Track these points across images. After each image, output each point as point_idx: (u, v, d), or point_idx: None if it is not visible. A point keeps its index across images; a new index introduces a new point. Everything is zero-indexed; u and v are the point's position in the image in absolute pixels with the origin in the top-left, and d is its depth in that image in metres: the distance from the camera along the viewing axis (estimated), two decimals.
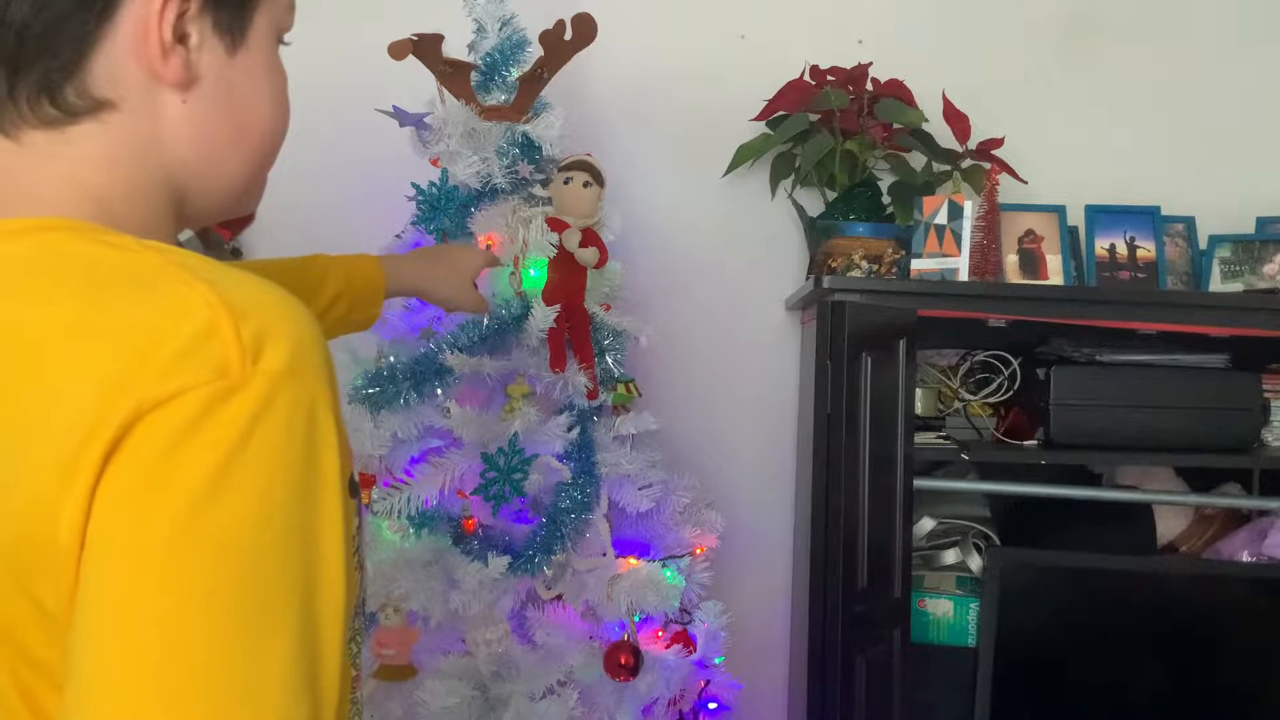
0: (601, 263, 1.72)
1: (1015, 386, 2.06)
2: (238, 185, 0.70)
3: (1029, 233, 2.09)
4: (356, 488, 0.67)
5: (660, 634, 1.68)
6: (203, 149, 0.67)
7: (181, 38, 0.63)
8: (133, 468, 0.51)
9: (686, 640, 1.68)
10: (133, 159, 0.64)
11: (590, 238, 1.71)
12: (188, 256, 0.59)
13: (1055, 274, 2.07)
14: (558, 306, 1.65)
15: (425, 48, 1.68)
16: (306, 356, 0.56)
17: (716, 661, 1.76)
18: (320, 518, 0.56)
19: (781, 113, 2.08)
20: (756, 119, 2.13)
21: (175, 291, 0.55)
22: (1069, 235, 2.10)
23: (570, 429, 1.65)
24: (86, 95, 0.62)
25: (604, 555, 1.67)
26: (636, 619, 1.66)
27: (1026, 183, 2.14)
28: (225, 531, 0.51)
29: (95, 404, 0.51)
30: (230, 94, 0.67)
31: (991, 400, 2.10)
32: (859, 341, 1.76)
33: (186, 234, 1.99)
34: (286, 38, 0.73)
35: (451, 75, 1.71)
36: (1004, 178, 2.06)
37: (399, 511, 1.58)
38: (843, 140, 2.03)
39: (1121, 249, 2.11)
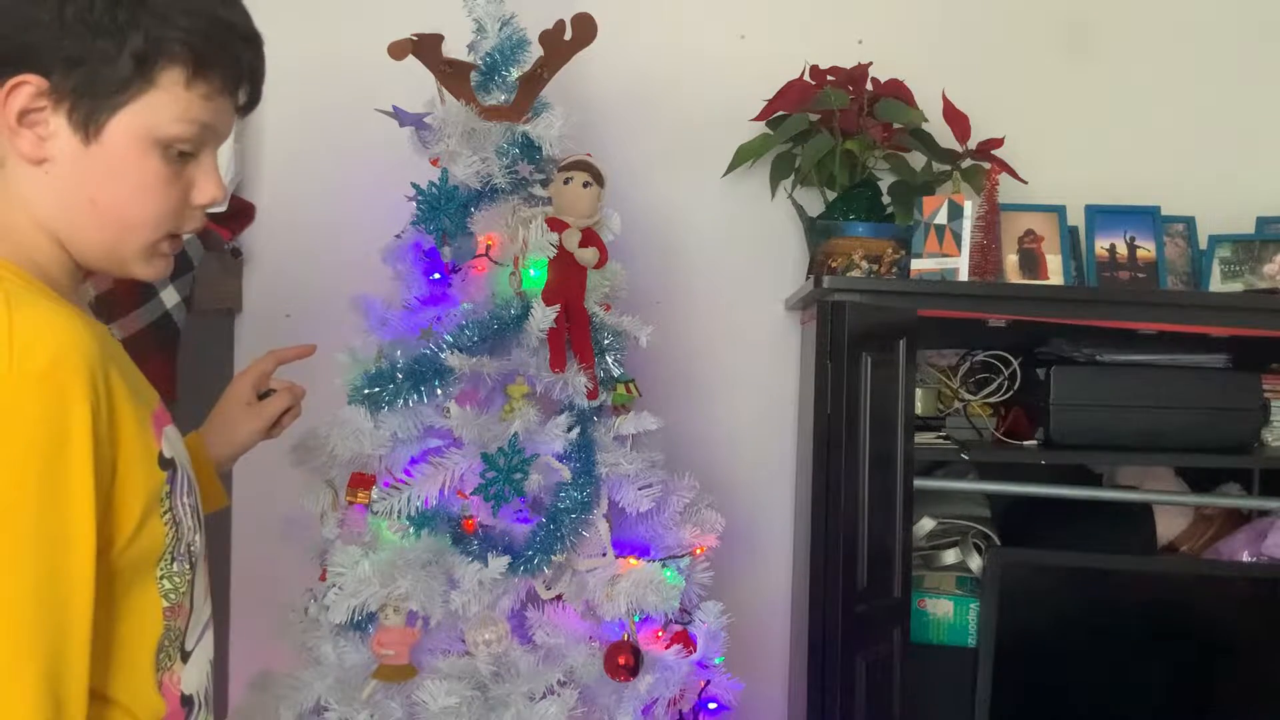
0: (601, 263, 1.72)
1: (1015, 386, 2.06)
2: (101, 248, 0.91)
3: (1029, 233, 2.09)
4: (167, 460, 0.89)
5: (660, 634, 1.68)
6: (63, 211, 0.88)
7: (31, 125, 0.85)
8: None
9: (686, 640, 1.68)
10: (9, 203, 0.88)
11: (590, 238, 1.71)
12: (9, 282, 0.80)
13: (1055, 274, 2.07)
14: (558, 306, 1.65)
15: (425, 48, 1.68)
16: (64, 364, 0.77)
17: (716, 661, 1.76)
18: (68, 484, 0.77)
19: (781, 113, 2.08)
20: (756, 119, 2.13)
21: None
22: (1069, 235, 2.10)
23: (570, 429, 1.65)
24: None
25: (604, 555, 1.67)
26: (636, 619, 1.66)
27: (1026, 183, 2.14)
28: None
29: None
30: (85, 175, 0.87)
31: (991, 400, 2.10)
32: (859, 341, 1.76)
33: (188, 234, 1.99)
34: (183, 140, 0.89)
35: (451, 75, 1.71)
36: (1004, 178, 2.05)
37: (399, 511, 1.58)
38: (843, 140, 2.03)
39: (1121, 249, 2.11)
